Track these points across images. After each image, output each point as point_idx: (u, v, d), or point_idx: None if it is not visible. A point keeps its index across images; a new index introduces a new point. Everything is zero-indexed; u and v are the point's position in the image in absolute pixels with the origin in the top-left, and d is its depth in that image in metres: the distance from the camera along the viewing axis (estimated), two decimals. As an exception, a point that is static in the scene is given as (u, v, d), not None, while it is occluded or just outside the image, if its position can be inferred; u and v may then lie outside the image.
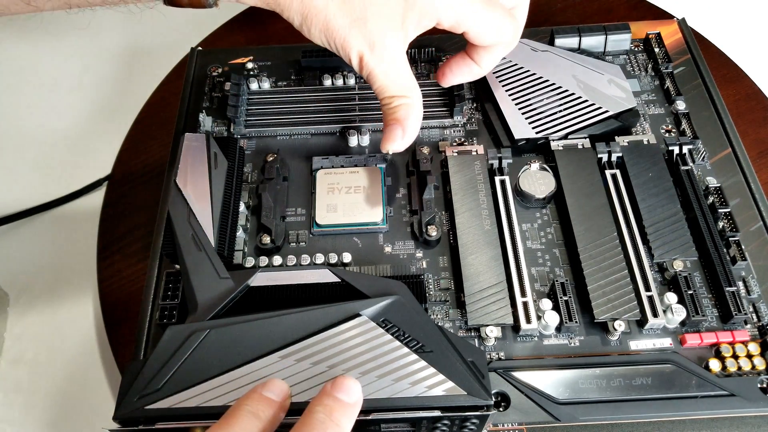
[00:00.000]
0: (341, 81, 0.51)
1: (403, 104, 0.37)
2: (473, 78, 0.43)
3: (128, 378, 0.32)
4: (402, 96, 0.37)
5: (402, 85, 0.37)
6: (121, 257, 0.50)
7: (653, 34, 0.53)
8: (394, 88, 0.37)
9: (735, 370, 0.37)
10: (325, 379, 0.31)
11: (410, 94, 0.37)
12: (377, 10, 0.34)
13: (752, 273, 0.40)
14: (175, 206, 0.40)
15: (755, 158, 0.50)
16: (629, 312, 0.38)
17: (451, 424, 0.32)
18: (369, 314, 0.33)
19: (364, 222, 0.43)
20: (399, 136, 0.38)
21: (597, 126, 0.46)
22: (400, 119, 0.38)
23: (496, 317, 0.38)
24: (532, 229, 0.43)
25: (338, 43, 0.35)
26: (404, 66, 0.37)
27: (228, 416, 0.26)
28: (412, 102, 0.38)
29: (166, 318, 0.40)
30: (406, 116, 0.38)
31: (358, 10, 0.33)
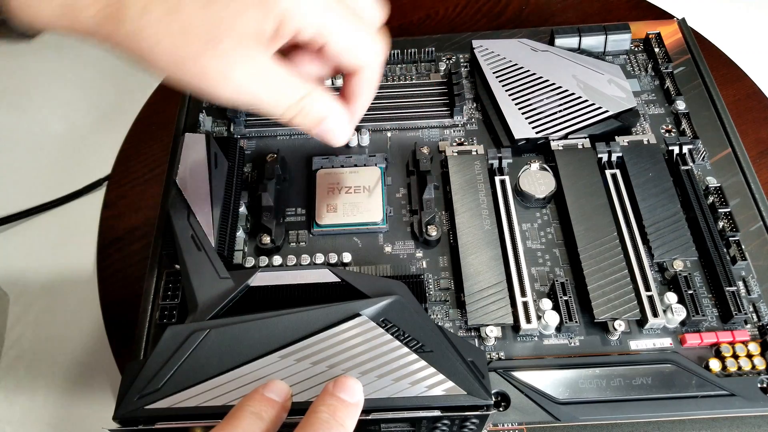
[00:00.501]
0: (341, 81, 0.51)
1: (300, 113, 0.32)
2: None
3: (128, 378, 0.32)
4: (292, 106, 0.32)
5: (284, 96, 0.32)
6: (121, 257, 0.50)
7: (653, 34, 0.53)
8: (282, 103, 0.32)
9: (735, 370, 0.37)
10: (325, 379, 0.31)
11: (297, 99, 0.32)
12: (228, 27, 0.29)
13: (752, 273, 0.40)
14: (175, 206, 0.40)
15: (755, 158, 0.50)
16: (629, 312, 0.38)
17: (451, 424, 0.32)
18: (369, 314, 0.33)
19: (364, 222, 0.43)
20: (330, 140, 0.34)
21: (597, 126, 0.46)
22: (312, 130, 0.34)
23: (496, 317, 0.38)
24: (532, 229, 0.43)
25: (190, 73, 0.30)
26: (276, 76, 0.31)
27: (231, 417, 0.26)
28: (306, 106, 0.32)
29: (166, 318, 0.40)
30: (312, 124, 0.33)
31: (205, 32, 0.29)
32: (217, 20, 0.29)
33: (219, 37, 0.29)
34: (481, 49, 0.51)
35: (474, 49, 0.51)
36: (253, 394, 0.27)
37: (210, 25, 0.29)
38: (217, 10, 0.29)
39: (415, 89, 0.50)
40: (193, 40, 0.29)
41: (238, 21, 0.29)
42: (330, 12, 0.31)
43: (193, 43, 0.29)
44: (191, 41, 0.29)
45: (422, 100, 0.50)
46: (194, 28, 0.29)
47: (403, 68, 0.53)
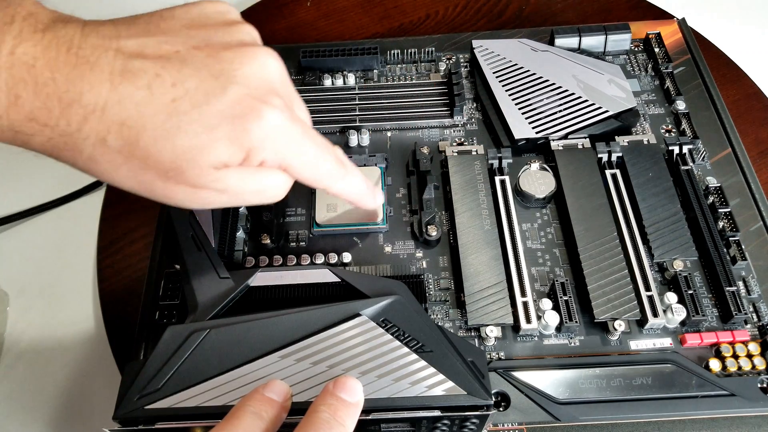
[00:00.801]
0: (341, 81, 0.51)
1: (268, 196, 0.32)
2: None
3: (128, 378, 0.32)
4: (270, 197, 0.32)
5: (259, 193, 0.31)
6: (121, 257, 0.50)
7: (653, 34, 0.53)
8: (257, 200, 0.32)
9: (735, 370, 0.37)
10: (325, 378, 0.31)
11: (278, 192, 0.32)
12: (192, 160, 0.28)
13: (752, 273, 0.40)
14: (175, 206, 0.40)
15: (755, 158, 0.50)
16: (629, 312, 0.38)
17: (451, 424, 0.32)
18: (369, 314, 0.33)
19: (364, 222, 0.43)
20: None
21: (597, 126, 0.46)
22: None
23: (496, 317, 0.38)
24: (532, 229, 0.43)
25: (160, 196, 0.30)
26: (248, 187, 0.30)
27: (231, 417, 0.26)
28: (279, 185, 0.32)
29: (166, 318, 0.40)
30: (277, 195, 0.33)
31: (168, 161, 0.28)
32: (180, 150, 0.27)
33: (181, 167, 0.28)
34: (481, 49, 0.51)
35: (474, 49, 0.51)
36: (253, 394, 0.28)
37: (172, 155, 0.27)
38: (181, 142, 0.27)
39: (415, 89, 0.50)
40: (154, 169, 0.28)
41: (204, 154, 0.28)
42: (293, 149, 0.30)
43: (155, 174, 0.28)
44: (152, 170, 0.28)
45: (422, 100, 0.50)
46: (154, 158, 0.27)
47: (403, 68, 0.53)
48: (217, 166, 0.28)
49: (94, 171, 0.28)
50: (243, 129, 0.28)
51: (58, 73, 0.26)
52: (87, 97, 0.26)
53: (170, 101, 0.27)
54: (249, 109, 0.28)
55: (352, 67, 0.52)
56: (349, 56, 0.52)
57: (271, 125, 0.29)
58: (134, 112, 0.27)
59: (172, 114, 0.27)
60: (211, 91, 0.28)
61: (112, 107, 0.26)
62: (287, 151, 0.30)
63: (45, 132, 0.27)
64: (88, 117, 0.26)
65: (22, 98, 0.26)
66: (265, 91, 0.29)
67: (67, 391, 0.45)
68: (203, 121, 0.27)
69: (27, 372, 0.46)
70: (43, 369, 0.46)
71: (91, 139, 0.27)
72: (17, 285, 0.50)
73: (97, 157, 0.27)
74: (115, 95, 0.26)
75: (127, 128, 0.27)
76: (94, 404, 0.44)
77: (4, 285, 0.49)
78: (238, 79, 0.29)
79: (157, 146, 0.27)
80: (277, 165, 0.30)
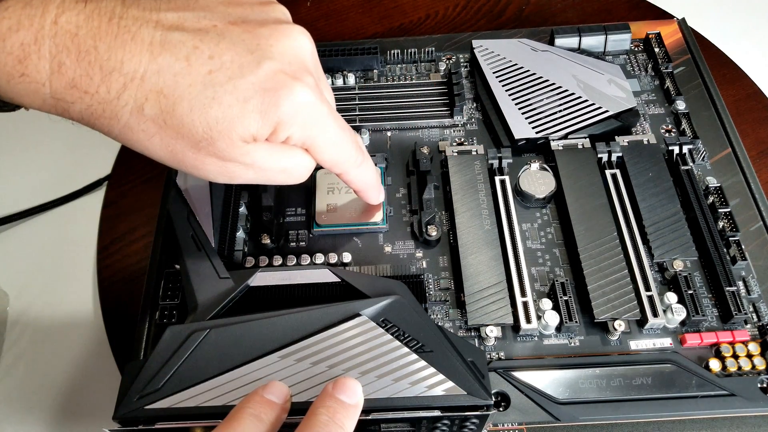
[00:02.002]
0: (341, 81, 0.51)
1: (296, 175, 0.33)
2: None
3: (128, 378, 0.32)
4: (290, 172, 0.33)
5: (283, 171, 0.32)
6: (121, 257, 0.50)
7: (653, 34, 0.53)
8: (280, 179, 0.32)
9: (735, 370, 0.37)
10: (325, 379, 0.31)
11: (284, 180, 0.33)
12: (225, 131, 0.29)
13: (752, 273, 0.40)
14: (175, 206, 0.40)
15: (755, 158, 0.50)
16: (629, 312, 0.38)
17: (451, 424, 0.32)
18: (369, 314, 0.33)
19: (364, 222, 0.43)
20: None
21: (597, 126, 0.46)
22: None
23: (496, 317, 0.38)
24: (532, 229, 0.43)
25: (190, 166, 0.30)
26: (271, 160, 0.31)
27: (230, 419, 0.26)
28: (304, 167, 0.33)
29: (166, 318, 0.40)
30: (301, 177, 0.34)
31: (201, 131, 0.29)
32: (213, 121, 0.28)
33: (213, 137, 0.29)
34: (481, 49, 0.51)
35: (474, 49, 0.51)
36: (252, 396, 0.28)
37: (205, 125, 0.28)
38: (215, 113, 0.28)
39: (415, 89, 0.50)
40: (187, 138, 0.29)
41: (236, 125, 0.29)
42: (319, 128, 0.31)
43: (186, 142, 0.29)
44: (185, 140, 0.29)
45: (422, 100, 0.50)
46: (188, 128, 0.28)
47: (403, 68, 0.53)
48: (246, 138, 0.29)
49: (129, 139, 0.29)
50: (274, 103, 0.29)
51: (100, 42, 0.27)
52: (127, 66, 0.27)
53: (207, 72, 0.28)
54: (282, 84, 0.29)
55: (352, 67, 0.52)
56: (349, 56, 0.52)
57: (300, 101, 0.30)
58: (172, 81, 0.28)
59: (207, 85, 0.28)
60: (246, 65, 0.29)
61: (151, 76, 0.27)
62: (313, 128, 0.31)
63: (85, 99, 0.28)
64: (127, 85, 0.27)
65: (65, 66, 0.27)
66: (297, 68, 0.30)
67: (67, 391, 0.45)
68: (237, 93, 0.28)
69: (27, 372, 0.46)
70: (43, 369, 0.46)
71: (129, 106, 0.28)
72: (17, 285, 0.50)
73: (132, 125, 0.28)
74: (155, 65, 0.28)
75: (164, 97, 0.28)
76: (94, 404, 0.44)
77: (4, 285, 0.49)
78: (272, 54, 0.29)
79: (192, 116, 0.28)
80: (302, 142, 0.31)
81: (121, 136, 0.29)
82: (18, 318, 0.48)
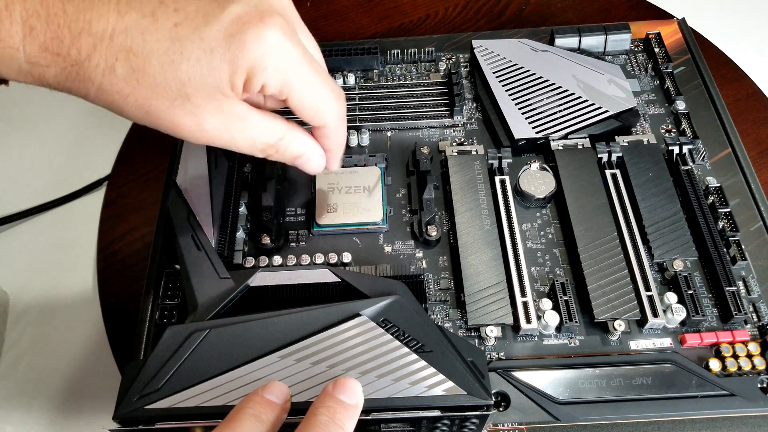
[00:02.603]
0: (341, 81, 0.51)
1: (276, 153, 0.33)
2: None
3: (128, 378, 0.32)
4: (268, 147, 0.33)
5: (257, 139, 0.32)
6: (121, 257, 0.50)
7: (653, 34, 0.53)
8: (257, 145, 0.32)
9: (735, 370, 0.37)
10: (325, 379, 0.31)
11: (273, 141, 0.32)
12: (198, 84, 0.28)
13: (752, 273, 0.40)
14: (175, 206, 0.40)
15: (755, 158, 0.50)
16: (629, 312, 0.38)
17: (451, 424, 0.32)
18: (369, 314, 0.33)
19: (364, 222, 0.43)
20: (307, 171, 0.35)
21: (597, 126, 0.46)
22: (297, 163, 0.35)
23: (496, 317, 0.38)
24: (532, 229, 0.43)
25: (165, 126, 0.30)
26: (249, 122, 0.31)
27: (230, 419, 0.26)
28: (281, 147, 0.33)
29: (166, 318, 0.40)
30: (288, 160, 0.34)
31: (174, 88, 0.28)
32: (185, 77, 0.28)
33: (187, 93, 0.29)
34: (481, 49, 0.51)
35: (474, 49, 0.51)
36: (252, 396, 0.27)
37: (178, 81, 0.28)
38: (186, 67, 0.28)
39: (415, 89, 0.50)
40: (162, 96, 0.29)
41: (207, 77, 0.28)
42: (295, 70, 0.30)
43: (161, 100, 0.29)
44: (159, 98, 0.29)
45: (422, 100, 0.50)
46: (161, 86, 0.28)
47: (403, 68, 0.53)
48: (222, 91, 0.29)
49: (104, 101, 0.29)
50: (241, 48, 0.28)
51: (68, 4, 0.27)
52: (95, 26, 0.27)
53: (173, 26, 0.28)
54: (247, 26, 0.28)
55: (352, 67, 0.52)
56: (349, 56, 0.52)
57: (270, 43, 0.29)
58: (140, 39, 0.28)
59: (174, 40, 0.28)
60: (210, 12, 0.28)
61: (118, 35, 0.27)
62: (288, 71, 0.30)
63: (58, 62, 0.28)
64: (96, 45, 0.27)
65: (36, 29, 0.27)
66: (264, 9, 0.29)
67: (67, 391, 0.45)
68: (203, 43, 0.28)
69: (27, 372, 0.46)
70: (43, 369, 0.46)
71: (100, 67, 0.28)
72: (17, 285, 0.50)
73: (106, 87, 0.28)
74: (122, 23, 0.27)
75: (134, 55, 0.28)
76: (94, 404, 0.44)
77: (4, 285, 0.49)
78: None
79: (164, 73, 0.28)
80: (279, 89, 0.30)
81: (97, 99, 0.29)
82: (18, 318, 0.48)
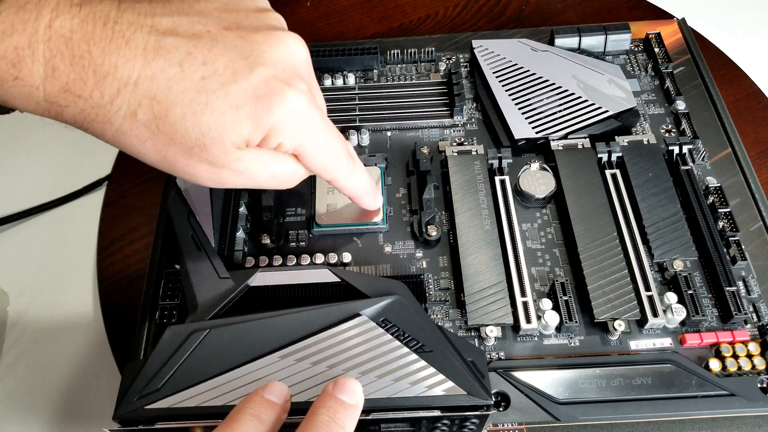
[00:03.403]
0: (341, 81, 0.51)
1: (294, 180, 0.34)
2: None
3: (128, 378, 0.32)
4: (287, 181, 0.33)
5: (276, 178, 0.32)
6: (121, 257, 0.50)
7: (653, 34, 0.53)
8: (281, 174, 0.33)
9: (735, 370, 0.37)
10: (325, 379, 0.31)
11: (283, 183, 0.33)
12: (218, 138, 0.29)
13: (752, 273, 0.40)
14: (175, 206, 0.40)
15: (755, 158, 0.50)
16: (629, 312, 0.38)
17: (451, 424, 0.32)
18: (369, 314, 0.33)
19: (364, 222, 0.43)
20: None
21: (597, 126, 0.46)
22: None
23: (496, 317, 0.38)
24: (532, 229, 0.43)
25: (182, 172, 0.30)
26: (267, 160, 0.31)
27: (231, 420, 0.26)
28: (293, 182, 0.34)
29: (166, 318, 0.40)
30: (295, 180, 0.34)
31: (194, 138, 0.29)
32: (206, 128, 0.28)
33: (205, 144, 0.29)
34: (481, 49, 0.51)
35: (474, 49, 0.51)
36: (252, 396, 0.27)
37: (198, 132, 0.28)
38: (208, 120, 0.28)
39: (415, 89, 0.50)
40: (180, 144, 0.29)
41: (228, 132, 0.29)
42: (312, 135, 0.31)
43: (179, 148, 0.29)
44: (178, 146, 0.29)
45: (422, 100, 0.50)
46: (181, 134, 0.28)
47: (403, 68, 0.53)
48: (239, 145, 0.29)
49: (121, 143, 0.29)
50: (267, 109, 0.29)
51: (94, 46, 0.27)
52: (121, 71, 0.27)
53: (200, 78, 0.28)
54: (275, 90, 0.29)
55: (352, 67, 0.52)
56: (349, 56, 0.52)
57: (293, 108, 0.30)
58: (165, 87, 0.28)
59: (200, 91, 0.28)
60: (240, 71, 0.29)
61: (144, 81, 0.27)
62: (305, 135, 0.31)
63: (78, 103, 0.28)
64: (121, 90, 0.27)
65: (59, 70, 0.27)
66: (291, 75, 0.30)
67: (67, 391, 0.45)
68: (230, 99, 0.28)
69: (27, 372, 0.46)
70: (43, 369, 0.46)
71: (122, 111, 0.28)
72: (17, 285, 0.50)
73: (125, 130, 0.28)
74: (148, 70, 0.27)
75: (158, 103, 0.28)
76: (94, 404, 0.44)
77: (4, 285, 0.49)
78: (266, 60, 0.29)
79: (185, 122, 0.28)
80: (293, 149, 0.31)
81: (114, 140, 0.29)
82: (18, 318, 0.48)
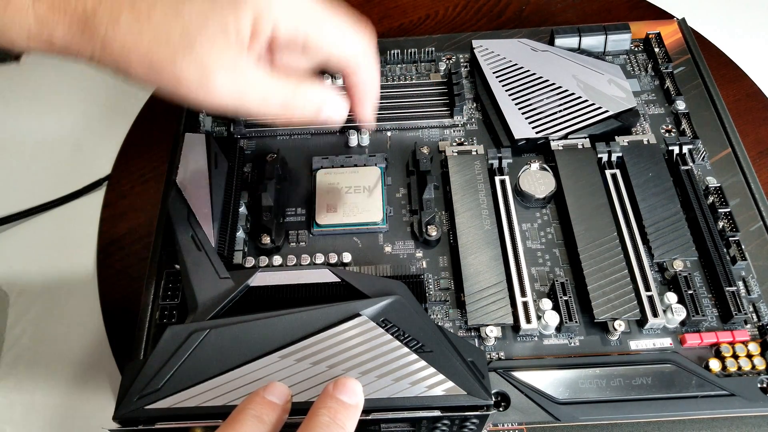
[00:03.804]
0: (341, 81, 0.51)
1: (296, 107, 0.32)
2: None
3: (128, 378, 0.32)
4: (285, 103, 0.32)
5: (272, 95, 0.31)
6: (121, 257, 0.50)
7: (653, 34, 0.53)
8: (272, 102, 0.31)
9: (735, 370, 0.37)
10: (325, 379, 0.31)
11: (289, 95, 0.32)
12: (201, 31, 0.28)
13: (752, 273, 0.40)
14: (175, 206, 0.40)
15: (755, 158, 0.50)
16: (629, 312, 0.38)
17: (451, 424, 0.32)
18: (369, 314, 0.33)
19: (364, 222, 0.43)
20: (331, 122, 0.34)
21: (597, 126, 0.46)
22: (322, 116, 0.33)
23: (496, 317, 0.38)
24: (532, 229, 0.43)
25: (167, 79, 0.29)
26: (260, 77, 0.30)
27: (232, 420, 0.26)
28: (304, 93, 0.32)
29: (166, 318, 0.40)
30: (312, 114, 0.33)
31: (177, 35, 0.28)
32: (189, 24, 0.29)
33: (191, 41, 0.29)
34: (481, 49, 0.51)
35: (474, 49, 0.51)
36: (253, 397, 0.27)
37: (182, 29, 0.29)
38: (190, 15, 0.29)
39: (415, 89, 0.50)
40: (165, 45, 0.29)
41: (210, 23, 0.29)
42: (307, 9, 0.31)
43: (165, 49, 0.29)
44: (163, 46, 0.29)
45: (422, 100, 0.50)
46: (165, 34, 0.29)
47: (403, 68, 0.53)
48: (227, 33, 0.29)
49: (108, 59, 0.29)
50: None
51: None
52: None
53: None
54: None
55: (352, 67, 0.52)
56: (349, 56, 0.52)
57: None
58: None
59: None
60: None
61: None
62: (299, 9, 0.30)
63: (65, 20, 0.29)
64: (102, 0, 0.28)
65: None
66: None
67: (67, 391, 0.45)
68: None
69: (27, 372, 0.46)
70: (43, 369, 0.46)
71: (105, 19, 0.28)
72: (17, 285, 0.50)
73: (109, 40, 0.29)
74: None
75: (138, 7, 0.28)
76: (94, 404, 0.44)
77: (4, 285, 0.49)
78: None
79: (167, 20, 0.29)
80: (294, 31, 0.30)
81: (102, 58, 0.29)
82: (18, 318, 0.48)
